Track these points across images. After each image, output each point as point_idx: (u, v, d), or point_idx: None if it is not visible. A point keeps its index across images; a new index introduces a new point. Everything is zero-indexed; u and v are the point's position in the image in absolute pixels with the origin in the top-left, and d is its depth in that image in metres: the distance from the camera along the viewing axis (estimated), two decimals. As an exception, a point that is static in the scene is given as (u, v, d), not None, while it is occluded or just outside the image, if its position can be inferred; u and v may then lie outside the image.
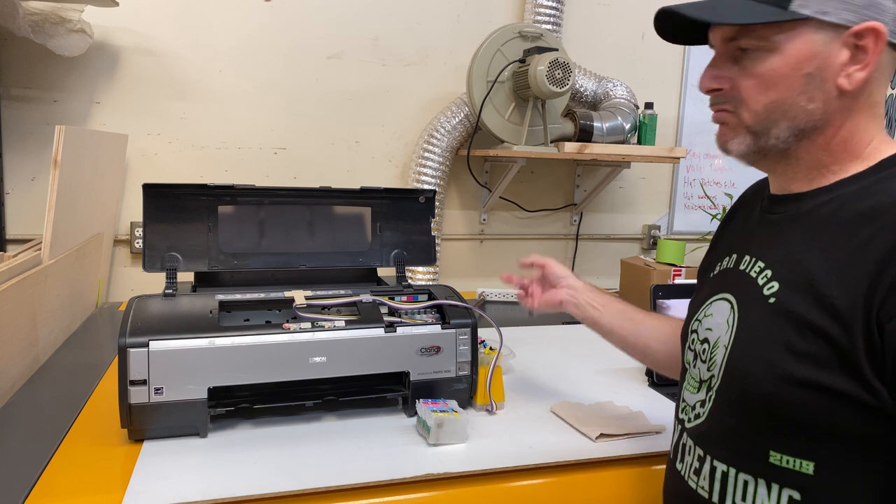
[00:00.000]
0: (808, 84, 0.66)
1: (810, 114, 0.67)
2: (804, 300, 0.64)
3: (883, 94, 0.69)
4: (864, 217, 0.63)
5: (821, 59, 0.65)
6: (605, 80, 2.11)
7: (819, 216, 0.68)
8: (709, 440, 0.72)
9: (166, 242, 1.09)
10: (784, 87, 0.67)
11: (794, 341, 0.63)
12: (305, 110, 1.96)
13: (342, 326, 1.01)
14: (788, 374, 0.63)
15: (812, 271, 0.64)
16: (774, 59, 0.67)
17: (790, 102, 0.67)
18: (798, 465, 0.63)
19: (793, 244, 0.69)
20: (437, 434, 0.95)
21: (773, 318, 0.66)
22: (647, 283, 1.78)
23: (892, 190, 0.64)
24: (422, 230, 1.24)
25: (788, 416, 0.63)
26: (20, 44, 1.66)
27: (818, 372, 0.61)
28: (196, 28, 1.83)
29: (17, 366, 1.18)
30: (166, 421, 0.93)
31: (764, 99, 0.68)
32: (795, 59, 0.66)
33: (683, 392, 0.80)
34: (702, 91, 0.74)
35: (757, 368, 0.66)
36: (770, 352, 0.65)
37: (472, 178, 2.07)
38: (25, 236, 1.74)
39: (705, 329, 0.77)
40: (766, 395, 0.65)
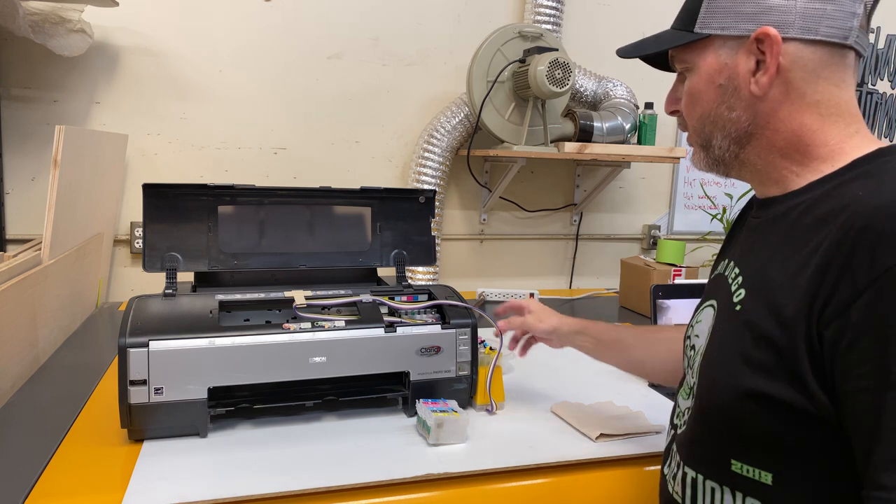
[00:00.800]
0: (723, 94, 0.70)
1: (736, 122, 0.70)
2: (761, 308, 0.64)
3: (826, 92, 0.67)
4: (821, 221, 0.62)
5: (728, 70, 0.69)
6: (605, 80, 2.11)
7: (786, 221, 0.67)
8: (684, 447, 0.73)
9: (166, 242, 1.09)
10: (705, 101, 0.71)
11: (749, 351, 0.63)
12: (305, 110, 1.96)
13: (342, 326, 1.01)
14: (742, 385, 0.63)
15: (771, 278, 0.64)
16: (693, 77, 0.72)
17: (714, 114, 0.71)
18: (758, 475, 0.63)
19: (762, 250, 0.69)
20: (437, 434, 0.95)
21: (736, 327, 0.66)
22: (647, 283, 1.78)
23: (849, 193, 0.62)
24: (422, 230, 1.24)
25: (744, 426, 0.64)
26: (20, 44, 1.66)
27: (767, 383, 0.61)
28: (196, 28, 1.83)
29: (17, 366, 1.18)
30: (166, 421, 0.93)
31: (694, 114, 0.73)
32: (707, 74, 0.70)
33: (678, 397, 0.81)
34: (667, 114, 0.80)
35: (718, 378, 0.67)
36: (729, 361, 0.66)
37: (472, 178, 2.07)
38: (25, 236, 1.74)
39: (695, 335, 0.78)
40: (723, 405, 0.65)
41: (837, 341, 0.56)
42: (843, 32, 0.66)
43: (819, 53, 0.66)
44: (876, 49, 2.55)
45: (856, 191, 0.61)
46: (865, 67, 2.55)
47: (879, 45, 2.55)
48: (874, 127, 2.61)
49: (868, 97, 2.58)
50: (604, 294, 2.15)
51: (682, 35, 0.71)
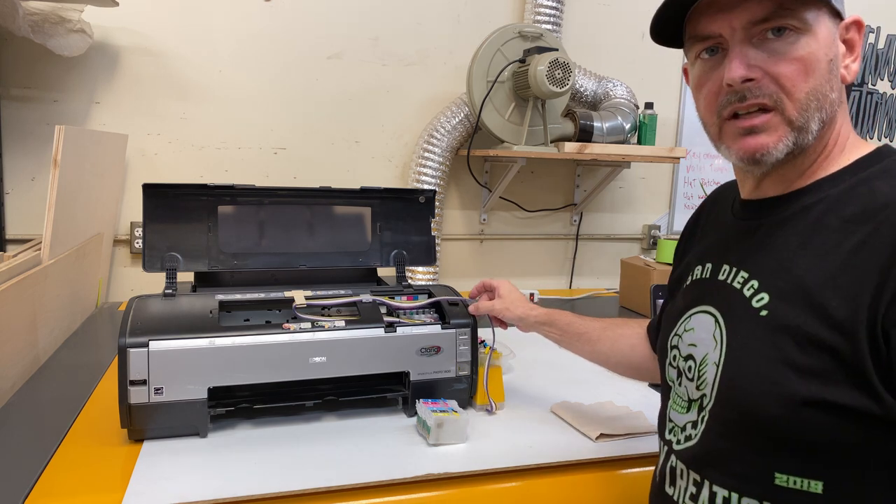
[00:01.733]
0: (831, 72, 0.64)
1: (832, 105, 0.64)
2: (801, 311, 0.60)
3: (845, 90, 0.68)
4: (854, 220, 0.60)
5: (836, 46, 0.64)
6: (605, 80, 2.11)
7: (806, 221, 0.64)
8: (705, 464, 0.67)
9: (166, 242, 1.09)
10: (819, 74, 0.63)
11: (794, 357, 0.60)
12: (305, 110, 1.96)
13: (342, 326, 1.01)
14: (793, 393, 0.59)
15: (805, 280, 0.61)
16: (811, 41, 0.62)
17: (822, 91, 0.63)
18: (806, 486, 0.60)
19: (780, 252, 0.65)
20: (437, 434, 0.95)
21: (767, 333, 0.62)
22: (647, 283, 1.78)
23: (879, 191, 0.61)
24: (422, 230, 1.24)
25: (794, 435, 0.60)
26: (20, 44, 1.66)
27: (824, 387, 0.58)
28: (196, 28, 1.83)
29: (17, 366, 1.18)
30: (166, 421, 0.93)
31: (806, 86, 0.63)
32: (826, 44, 0.63)
33: (670, 412, 0.75)
34: (734, 83, 0.64)
35: (757, 388, 0.62)
36: (769, 369, 0.61)
37: (472, 178, 2.07)
38: (25, 236, 1.74)
39: (688, 345, 0.72)
40: (770, 416, 0.61)
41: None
42: None
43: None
44: (876, 49, 2.55)
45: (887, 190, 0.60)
46: (865, 67, 2.55)
47: (879, 45, 2.55)
48: (874, 127, 2.61)
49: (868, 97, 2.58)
50: (604, 294, 2.15)
51: None
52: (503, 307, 1.07)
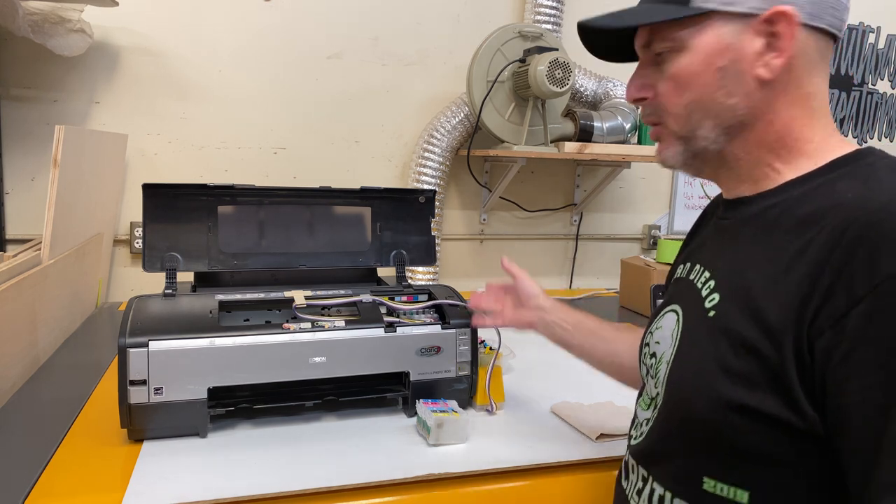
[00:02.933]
0: (723, 79, 0.63)
1: (733, 109, 0.64)
2: (741, 314, 0.59)
3: (817, 85, 0.64)
4: (805, 222, 0.58)
5: (732, 51, 0.62)
6: (605, 79, 2.11)
7: (765, 221, 0.63)
8: (650, 461, 0.69)
9: (166, 242, 1.09)
10: (699, 85, 0.64)
11: (728, 360, 0.59)
12: (305, 110, 1.96)
13: (342, 326, 1.01)
14: (723, 397, 0.58)
15: (751, 282, 0.60)
16: (684, 58, 0.64)
17: (709, 100, 0.64)
18: (732, 494, 0.59)
19: (738, 252, 0.64)
20: (438, 434, 0.95)
21: (711, 334, 0.62)
22: (647, 283, 1.78)
23: (834, 192, 0.58)
24: (422, 230, 1.24)
25: (722, 441, 0.59)
26: (20, 44, 1.66)
27: (750, 393, 0.56)
28: (196, 28, 1.83)
29: (17, 366, 1.18)
30: (166, 421, 0.93)
31: (681, 100, 0.65)
32: (706, 55, 0.63)
33: (637, 407, 0.76)
34: (629, 101, 0.71)
35: (693, 390, 0.62)
36: (705, 372, 0.61)
37: (472, 178, 2.07)
38: (25, 236, 1.74)
39: (655, 342, 0.73)
40: (700, 419, 0.60)
41: (832, 351, 0.52)
42: (840, 24, 0.63)
43: (819, 43, 0.63)
44: (876, 49, 2.55)
45: (842, 192, 0.58)
46: (865, 67, 2.55)
47: (879, 45, 2.55)
48: (874, 127, 2.61)
49: (868, 97, 2.58)
50: (604, 294, 2.15)
51: (674, 9, 0.63)
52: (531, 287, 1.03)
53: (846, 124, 2.56)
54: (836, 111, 2.54)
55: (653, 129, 0.70)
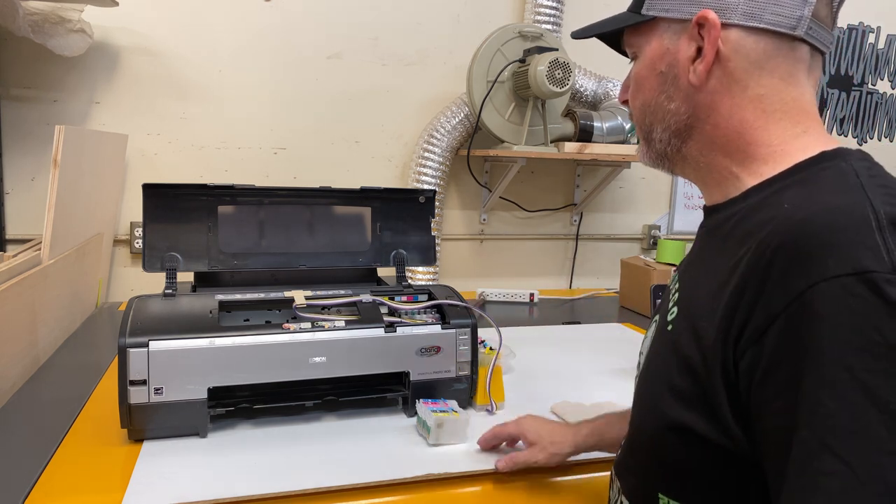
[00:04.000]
0: (663, 83, 0.64)
1: (674, 113, 0.64)
2: (686, 331, 0.58)
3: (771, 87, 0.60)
4: (749, 233, 0.55)
5: (669, 56, 0.63)
6: (605, 79, 2.11)
7: (722, 231, 0.61)
8: (621, 474, 0.69)
9: (166, 242, 1.09)
10: (646, 89, 0.66)
11: (672, 377, 0.58)
12: (305, 110, 1.96)
13: (342, 326, 1.01)
14: (665, 416, 0.57)
15: (698, 296, 0.59)
16: (638, 63, 0.67)
17: (654, 103, 0.66)
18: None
19: (699, 263, 0.63)
20: (438, 434, 0.95)
21: (666, 349, 0.61)
22: (647, 283, 1.78)
23: (778, 202, 0.55)
24: (422, 230, 1.24)
25: (667, 459, 0.58)
26: (20, 44, 1.66)
27: (686, 413, 0.55)
28: (196, 28, 1.83)
29: (17, 366, 1.18)
30: (166, 421, 0.93)
31: (637, 103, 0.68)
32: (650, 59, 0.65)
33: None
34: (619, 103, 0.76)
35: (645, 407, 0.62)
36: (656, 388, 0.60)
37: (472, 178, 2.07)
38: (25, 236, 1.74)
39: (640, 354, 0.72)
40: (648, 435, 0.61)
41: (752, 372, 0.50)
42: (791, 22, 0.59)
43: (763, 43, 0.60)
44: (876, 49, 2.55)
45: (787, 200, 0.54)
46: (865, 67, 2.55)
47: (880, 45, 2.55)
48: (874, 127, 2.61)
49: (868, 97, 2.58)
50: (604, 294, 2.15)
51: (630, 16, 0.66)
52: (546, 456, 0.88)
53: (846, 124, 2.56)
54: (836, 111, 2.54)
55: None
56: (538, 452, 0.88)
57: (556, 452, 0.88)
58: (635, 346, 1.17)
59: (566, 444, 0.88)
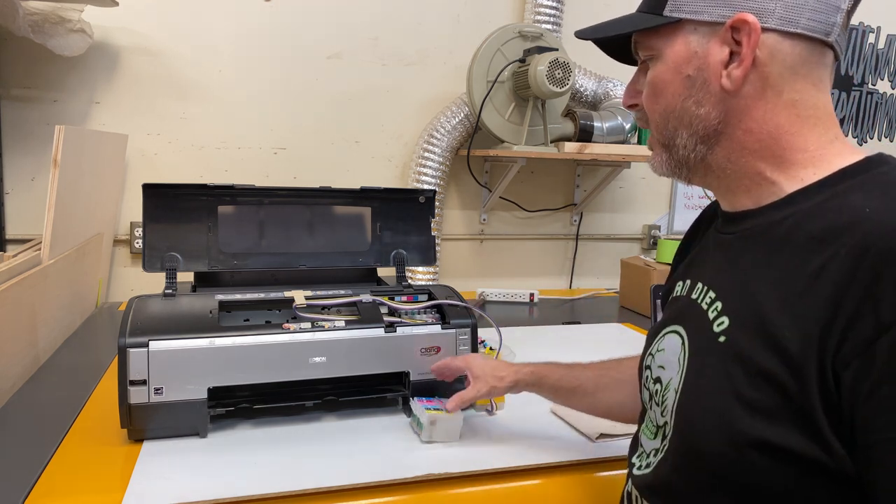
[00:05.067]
0: (690, 87, 0.62)
1: (704, 118, 0.62)
2: (754, 339, 0.55)
3: (804, 92, 0.60)
4: (817, 240, 0.54)
5: (699, 59, 0.61)
6: (605, 79, 2.11)
7: (772, 237, 0.59)
8: (656, 495, 0.65)
9: (166, 242, 1.09)
10: (670, 93, 0.64)
11: (743, 390, 0.54)
12: (305, 110, 1.96)
13: (342, 326, 1.01)
14: (740, 431, 0.54)
15: (762, 304, 0.56)
16: (659, 66, 0.65)
17: (680, 108, 0.63)
18: None
19: (744, 271, 0.60)
20: (430, 431, 0.95)
21: (722, 361, 0.57)
22: (647, 283, 1.78)
23: (848, 207, 0.54)
24: (422, 230, 1.24)
25: (737, 478, 0.55)
26: (20, 44, 1.66)
27: (769, 427, 0.52)
28: (196, 28, 1.83)
29: (17, 366, 1.18)
30: (166, 421, 0.93)
31: (657, 108, 0.66)
32: (674, 63, 0.63)
33: (641, 435, 0.72)
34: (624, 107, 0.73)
35: (705, 421, 0.58)
36: (718, 402, 0.56)
37: (472, 178, 2.07)
38: (25, 236, 1.74)
39: (657, 366, 0.69)
40: (715, 454, 0.56)
41: (859, 383, 0.48)
42: (826, 28, 0.59)
43: (799, 48, 0.59)
44: (876, 49, 2.55)
45: (858, 205, 0.53)
46: (865, 67, 2.55)
47: (879, 45, 2.55)
48: (874, 127, 2.61)
49: (868, 97, 2.58)
50: (604, 294, 2.15)
51: (649, 18, 0.64)
52: (488, 388, 0.93)
53: (846, 124, 2.56)
54: (837, 111, 2.54)
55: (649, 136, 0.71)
56: (482, 385, 0.94)
57: (496, 385, 0.93)
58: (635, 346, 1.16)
59: (507, 379, 0.93)
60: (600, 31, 0.69)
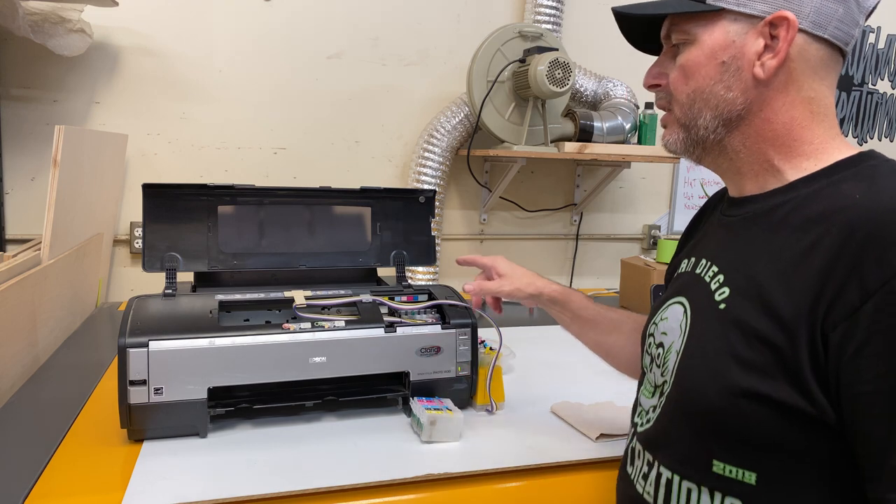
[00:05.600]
0: (724, 73, 0.68)
1: (730, 102, 0.68)
2: (752, 307, 0.63)
3: (819, 91, 0.68)
4: (812, 221, 0.62)
5: (735, 48, 0.67)
6: (605, 79, 2.11)
7: (773, 219, 0.67)
8: (657, 446, 0.72)
9: (166, 242, 1.09)
10: (701, 76, 0.69)
11: (739, 350, 0.62)
12: (305, 110, 1.96)
13: (342, 326, 1.01)
14: (734, 385, 0.62)
15: (761, 277, 0.64)
16: (693, 50, 0.69)
17: (709, 91, 0.69)
18: (741, 475, 0.62)
19: (746, 248, 0.68)
20: (430, 431, 0.95)
21: (722, 326, 0.65)
22: (647, 283, 1.78)
23: (841, 193, 0.62)
24: (422, 230, 1.24)
25: (732, 426, 0.62)
26: (20, 44, 1.66)
27: (762, 382, 0.60)
28: (196, 28, 1.83)
29: (17, 366, 1.18)
30: (166, 421, 0.93)
31: (686, 89, 0.71)
32: (711, 49, 0.68)
33: (640, 396, 0.80)
34: (645, 87, 0.77)
35: (704, 378, 0.65)
36: (717, 361, 0.64)
37: (472, 178, 2.07)
38: (25, 236, 1.74)
39: (661, 333, 0.76)
40: (712, 405, 0.64)
41: (846, 343, 0.55)
42: (847, 38, 0.67)
43: (822, 52, 0.67)
44: (876, 49, 2.55)
45: (849, 192, 0.61)
46: (865, 67, 2.55)
47: (880, 45, 2.55)
48: (874, 127, 2.61)
49: (868, 97, 2.58)
50: (604, 294, 2.15)
51: (691, 3, 0.68)
52: (512, 288, 0.99)
53: (846, 124, 2.56)
54: (837, 111, 2.54)
55: (663, 115, 0.76)
56: (506, 284, 0.99)
57: (521, 288, 0.98)
58: (635, 346, 1.17)
59: (532, 286, 0.99)
60: (640, 8, 0.72)
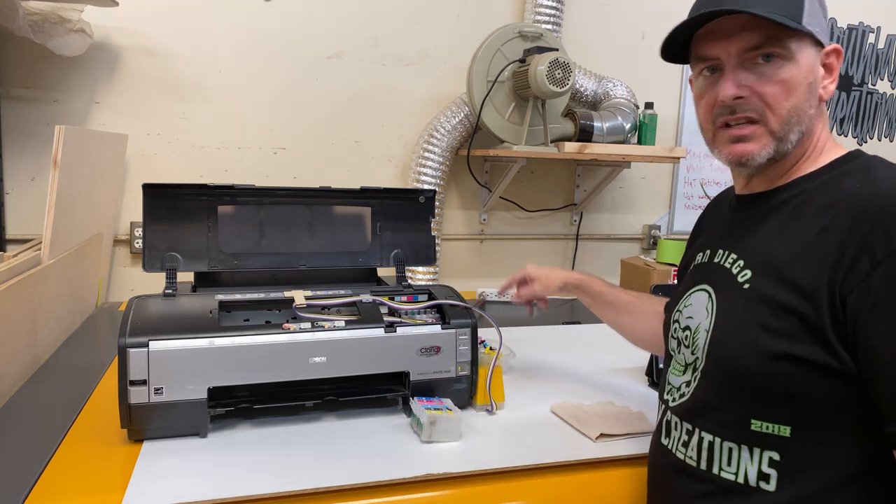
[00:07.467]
0: (810, 93, 0.76)
1: (810, 119, 0.77)
2: (774, 283, 0.73)
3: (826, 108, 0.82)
4: (824, 209, 0.73)
5: (815, 71, 0.77)
6: (605, 79, 2.11)
7: (785, 211, 0.78)
8: (695, 415, 0.80)
9: (166, 242, 1.09)
10: (799, 94, 0.76)
11: (768, 320, 0.72)
12: (305, 110, 1.96)
13: (342, 326, 1.01)
14: (765, 350, 0.72)
15: (779, 258, 0.74)
16: (793, 68, 0.75)
17: (802, 109, 0.76)
18: (777, 430, 0.72)
19: (763, 236, 0.78)
20: (430, 431, 0.95)
21: (749, 302, 0.75)
22: (647, 283, 1.78)
23: (843, 186, 0.74)
24: (422, 230, 1.24)
25: (767, 386, 0.72)
26: (20, 44, 1.66)
27: (791, 344, 0.70)
28: (196, 28, 1.83)
29: (17, 366, 1.18)
30: (166, 421, 0.93)
31: (787, 104, 0.76)
32: (805, 69, 0.76)
33: (669, 376, 0.88)
34: (726, 100, 0.77)
35: (737, 347, 0.75)
36: (747, 331, 0.74)
37: (472, 178, 2.07)
38: (25, 236, 1.74)
39: (686, 318, 0.85)
40: (747, 370, 0.73)
41: (861, 305, 0.67)
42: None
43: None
44: (876, 49, 2.55)
45: (850, 185, 0.74)
46: (865, 67, 2.55)
47: (879, 45, 2.55)
48: (874, 127, 2.61)
49: (868, 97, 2.58)
50: (604, 294, 2.14)
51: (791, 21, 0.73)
52: (543, 287, 1.19)
53: (846, 124, 2.56)
54: (836, 111, 2.54)
55: (746, 127, 0.78)
56: (536, 285, 1.21)
57: (548, 285, 1.19)
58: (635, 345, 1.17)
59: (558, 280, 1.19)
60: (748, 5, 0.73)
